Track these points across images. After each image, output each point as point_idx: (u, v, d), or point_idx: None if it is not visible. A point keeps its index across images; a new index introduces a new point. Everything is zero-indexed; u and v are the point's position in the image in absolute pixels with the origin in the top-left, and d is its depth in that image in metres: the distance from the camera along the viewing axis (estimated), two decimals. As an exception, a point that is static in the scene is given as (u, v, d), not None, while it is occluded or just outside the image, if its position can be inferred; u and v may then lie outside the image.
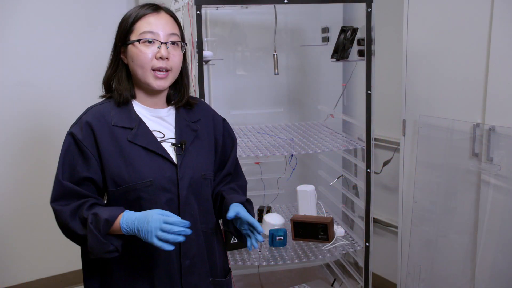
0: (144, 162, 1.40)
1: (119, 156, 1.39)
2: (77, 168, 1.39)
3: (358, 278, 2.52)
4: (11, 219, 2.98)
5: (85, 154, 1.39)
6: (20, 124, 2.95)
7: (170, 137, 1.48)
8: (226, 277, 1.62)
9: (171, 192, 1.43)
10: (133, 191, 1.39)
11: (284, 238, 2.27)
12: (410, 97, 2.37)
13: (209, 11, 2.74)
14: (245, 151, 2.23)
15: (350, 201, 2.80)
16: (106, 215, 1.33)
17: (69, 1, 3.00)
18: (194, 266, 1.48)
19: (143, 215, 1.32)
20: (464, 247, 2.15)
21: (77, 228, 1.36)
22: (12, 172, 2.97)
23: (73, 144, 1.40)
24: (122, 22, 1.46)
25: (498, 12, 1.94)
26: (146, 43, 1.41)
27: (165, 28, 1.43)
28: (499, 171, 1.97)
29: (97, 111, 1.44)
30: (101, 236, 1.33)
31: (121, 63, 1.47)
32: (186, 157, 1.46)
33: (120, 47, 1.46)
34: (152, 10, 1.44)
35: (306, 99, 3.07)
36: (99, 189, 1.43)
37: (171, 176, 1.43)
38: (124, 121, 1.43)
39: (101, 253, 1.35)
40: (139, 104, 1.48)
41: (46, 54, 2.97)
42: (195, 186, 1.47)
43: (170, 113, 1.53)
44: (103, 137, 1.40)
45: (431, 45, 2.27)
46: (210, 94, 2.85)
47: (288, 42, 2.98)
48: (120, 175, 1.39)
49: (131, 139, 1.41)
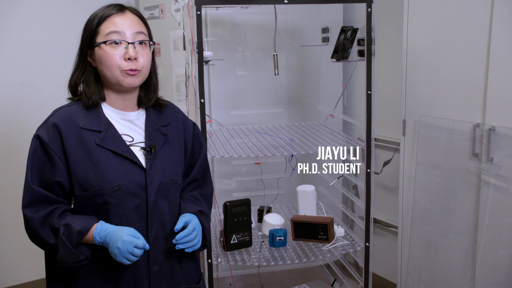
0: (112, 166, 1.38)
1: (87, 160, 1.36)
2: (44, 171, 1.36)
3: (358, 278, 2.52)
4: (12, 219, 2.98)
5: (52, 158, 1.36)
6: (20, 124, 2.95)
7: (139, 141, 1.46)
8: (198, 283, 1.59)
9: (139, 197, 1.40)
10: (100, 195, 1.36)
11: (284, 238, 2.27)
12: (410, 97, 2.37)
13: (209, 11, 2.73)
14: (245, 151, 2.23)
15: (350, 201, 2.80)
16: (79, 227, 1.33)
17: (69, 1, 3.00)
18: (163, 272, 1.46)
19: (116, 232, 1.32)
20: (464, 247, 2.15)
21: (47, 237, 1.35)
22: (12, 172, 2.97)
23: (40, 147, 1.37)
24: (86, 25, 1.43)
25: (498, 12, 1.94)
26: (112, 45, 1.38)
27: (132, 27, 1.40)
28: (499, 171, 1.97)
29: (65, 112, 1.41)
30: (73, 247, 1.32)
31: (88, 66, 1.44)
32: (155, 162, 1.44)
33: (86, 50, 1.43)
34: (117, 10, 1.41)
35: (306, 99, 3.07)
36: (66, 193, 1.40)
37: (139, 181, 1.40)
38: (93, 123, 1.40)
39: (71, 262, 1.34)
40: (108, 107, 1.45)
41: (46, 54, 2.97)
42: (165, 191, 1.45)
43: (140, 117, 1.50)
44: (71, 139, 1.37)
45: (431, 45, 2.27)
46: (210, 94, 2.85)
47: (288, 42, 2.97)
48: (87, 179, 1.36)
49: (99, 142, 1.38)
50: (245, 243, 2.27)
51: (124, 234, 1.31)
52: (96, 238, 1.34)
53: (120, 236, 1.31)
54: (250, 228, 2.29)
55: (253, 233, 2.39)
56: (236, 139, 2.45)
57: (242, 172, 2.87)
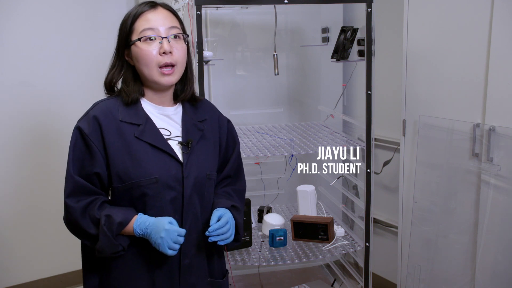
0: (150, 159, 1.40)
1: (125, 152, 1.39)
2: (84, 162, 1.39)
3: (358, 278, 2.52)
4: (12, 219, 2.98)
5: (91, 149, 1.39)
6: (20, 124, 2.95)
7: (176, 135, 1.48)
8: (223, 278, 1.62)
9: (176, 191, 1.43)
10: (138, 187, 1.39)
11: (284, 238, 2.27)
12: (410, 97, 2.37)
13: (209, 11, 2.74)
14: (245, 151, 2.23)
15: (350, 201, 2.80)
16: (120, 218, 1.36)
17: (69, 1, 3.00)
18: (192, 266, 1.48)
19: (156, 223, 1.35)
20: (464, 247, 2.15)
21: (87, 227, 1.38)
22: (13, 173, 2.97)
23: (80, 138, 1.40)
24: (122, 25, 1.46)
25: (498, 12, 1.94)
26: (147, 41, 1.40)
27: (165, 23, 1.42)
28: (499, 171, 1.97)
29: (105, 106, 1.44)
30: (113, 238, 1.35)
31: (126, 65, 1.47)
32: (192, 156, 1.46)
33: (123, 49, 1.46)
34: (149, 7, 1.44)
35: (306, 99, 3.07)
36: (104, 184, 1.43)
37: (176, 174, 1.42)
38: (132, 117, 1.43)
39: (110, 253, 1.38)
40: (147, 101, 1.48)
41: (46, 54, 2.97)
42: (200, 186, 1.47)
43: (177, 112, 1.53)
44: (110, 132, 1.40)
45: (431, 45, 2.27)
46: (210, 94, 2.85)
47: (288, 42, 2.97)
48: (125, 171, 1.39)
49: (138, 135, 1.41)
50: (245, 243, 2.27)
51: (166, 223, 1.35)
52: (136, 230, 1.37)
53: (162, 226, 1.34)
54: (250, 228, 2.29)
55: (253, 233, 2.39)
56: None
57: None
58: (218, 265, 1.59)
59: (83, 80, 3.04)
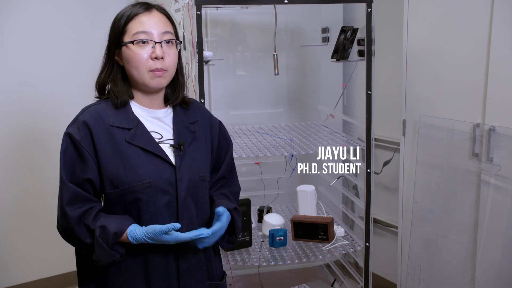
0: (142, 163, 1.38)
1: (117, 157, 1.37)
2: (76, 169, 1.37)
3: (358, 278, 2.52)
4: (11, 219, 2.98)
5: (83, 155, 1.36)
6: (20, 124, 2.95)
7: (168, 138, 1.46)
8: (222, 280, 1.61)
9: (170, 194, 1.41)
10: (131, 193, 1.37)
11: (284, 238, 2.27)
12: (410, 97, 2.37)
13: (209, 11, 2.73)
14: (245, 151, 2.23)
15: (350, 201, 2.80)
16: (115, 229, 1.33)
17: (69, 1, 3.00)
18: (191, 269, 1.47)
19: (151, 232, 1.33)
20: (464, 247, 2.15)
21: (83, 236, 1.35)
22: (12, 172, 2.97)
23: (71, 144, 1.37)
24: (114, 24, 1.43)
25: (498, 12, 1.94)
26: (140, 44, 1.38)
27: (159, 27, 1.40)
28: (499, 171, 1.97)
29: (94, 111, 1.41)
30: (109, 248, 1.33)
31: (116, 65, 1.44)
32: (184, 159, 1.44)
33: (114, 49, 1.43)
34: (144, 9, 1.41)
35: (306, 99, 3.07)
36: (96, 191, 1.40)
37: (169, 178, 1.40)
38: (122, 121, 1.40)
39: (107, 262, 1.36)
40: (136, 104, 1.46)
41: (46, 54, 2.97)
42: (193, 188, 1.45)
43: (168, 114, 1.51)
44: (101, 137, 1.37)
45: (431, 45, 2.27)
46: (210, 94, 2.85)
47: (288, 42, 2.97)
48: (118, 176, 1.36)
49: (129, 140, 1.38)
50: (245, 243, 2.27)
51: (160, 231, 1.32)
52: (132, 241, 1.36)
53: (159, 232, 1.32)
54: (250, 228, 2.29)
55: (253, 233, 2.39)
56: (236, 139, 2.45)
57: (242, 172, 2.87)
58: (216, 267, 1.59)
59: (83, 80, 3.03)
